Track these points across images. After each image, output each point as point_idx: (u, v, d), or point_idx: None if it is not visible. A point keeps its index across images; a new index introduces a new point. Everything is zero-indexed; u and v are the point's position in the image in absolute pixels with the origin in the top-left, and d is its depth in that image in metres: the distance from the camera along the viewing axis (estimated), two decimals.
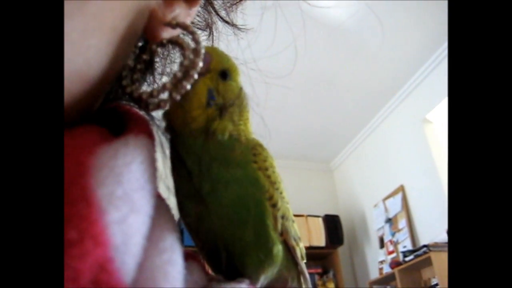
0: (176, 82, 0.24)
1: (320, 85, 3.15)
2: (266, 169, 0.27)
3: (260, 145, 0.28)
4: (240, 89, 0.28)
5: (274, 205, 0.27)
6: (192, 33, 0.25)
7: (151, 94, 0.24)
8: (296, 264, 0.30)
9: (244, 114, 0.28)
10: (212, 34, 0.32)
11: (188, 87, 0.24)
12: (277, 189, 0.28)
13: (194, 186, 0.26)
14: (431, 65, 3.04)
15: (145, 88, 0.31)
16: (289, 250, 0.29)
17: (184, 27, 0.25)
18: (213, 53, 0.27)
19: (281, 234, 0.27)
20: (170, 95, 0.24)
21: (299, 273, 0.30)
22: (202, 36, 0.32)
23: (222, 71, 0.27)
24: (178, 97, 0.24)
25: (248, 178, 0.27)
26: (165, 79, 0.31)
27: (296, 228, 0.30)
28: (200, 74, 0.25)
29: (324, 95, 3.28)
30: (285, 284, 0.29)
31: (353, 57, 2.92)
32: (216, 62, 0.27)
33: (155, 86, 0.32)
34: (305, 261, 0.31)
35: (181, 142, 0.26)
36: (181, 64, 0.25)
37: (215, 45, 0.33)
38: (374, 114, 3.66)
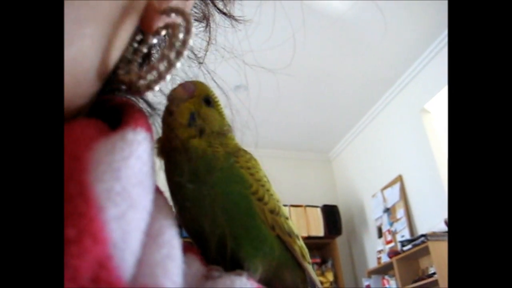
0: (166, 61, 0.24)
1: (318, 76, 3.14)
2: (249, 168, 0.28)
3: (244, 150, 0.30)
4: (223, 122, 0.30)
5: (260, 199, 0.28)
6: (183, 14, 0.25)
7: (140, 76, 0.24)
8: (300, 266, 0.29)
9: (226, 141, 0.29)
10: (209, 25, 0.32)
11: (178, 65, 0.25)
12: (263, 186, 0.29)
13: (185, 192, 0.27)
14: (429, 56, 3.04)
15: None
16: (287, 249, 0.29)
17: (175, 10, 0.24)
18: (197, 83, 0.30)
19: (273, 228, 0.28)
20: (160, 74, 0.24)
21: (305, 277, 0.30)
22: (199, 28, 0.32)
23: (206, 98, 0.29)
24: (168, 77, 0.24)
25: (231, 176, 0.28)
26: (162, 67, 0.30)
27: (290, 225, 0.30)
28: (184, 99, 0.28)
29: (322, 86, 3.28)
30: (286, 284, 0.29)
31: (351, 47, 2.91)
32: (200, 89, 0.30)
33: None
34: (309, 263, 0.30)
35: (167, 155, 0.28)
36: (170, 42, 0.25)
37: (213, 36, 0.33)
38: (372, 104, 3.66)
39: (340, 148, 4.27)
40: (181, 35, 0.25)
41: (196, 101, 0.29)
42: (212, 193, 0.27)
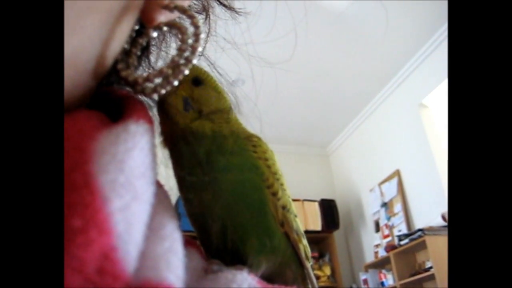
0: (174, 67, 0.24)
1: (316, 70, 3.14)
2: (266, 159, 0.28)
3: (257, 137, 0.29)
4: (219, 96, 0.30)
5: (274, 194, 0.27)
6: (191, 17, 0.24)
7: (147, 79, 0.24)
8: (301, 266, 0.29)
9: (228, 116, 0.29)
10: (209, 17, 0.32)
11: (186, 72, 0.24)
12: (278, 179, 0.28)
13: (195, 176, 0.26)
14: (427, 51, 3.03)
15: (141, 72, 0.31)
16: (292, 247, 0.29)
17: (182, 10, 0.24)
18: None
19: (282, 225, 0.28)
20: (167, 79, 0.24)
21: (305, 275, 0.30)
22: (199, 19, 0.31)
23: (193, 79, 0.29)
24: (175, 82, 0.24)
25: (247, 164, 0.27)
26: (160, 63, 0.30)
27: (299, 223, 0.30)
28: (174, 88, 0.27)
29: (320, 80, 3.27)
30: (286, 280, 0.28)
31: (349, 42, 2.90)
32: None
33: (151, 70, 0.31)
34: (311, 263, 0.30)
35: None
36: (180, 48, 0.24)
37: (212, 28, 0.32)
38: (370, 99, 3.65)
39: (338, 143, 4.27)
40: (190, 41, 0.24)
41: (185, 86, 0.29)
42: (223, 178, 0.26)
